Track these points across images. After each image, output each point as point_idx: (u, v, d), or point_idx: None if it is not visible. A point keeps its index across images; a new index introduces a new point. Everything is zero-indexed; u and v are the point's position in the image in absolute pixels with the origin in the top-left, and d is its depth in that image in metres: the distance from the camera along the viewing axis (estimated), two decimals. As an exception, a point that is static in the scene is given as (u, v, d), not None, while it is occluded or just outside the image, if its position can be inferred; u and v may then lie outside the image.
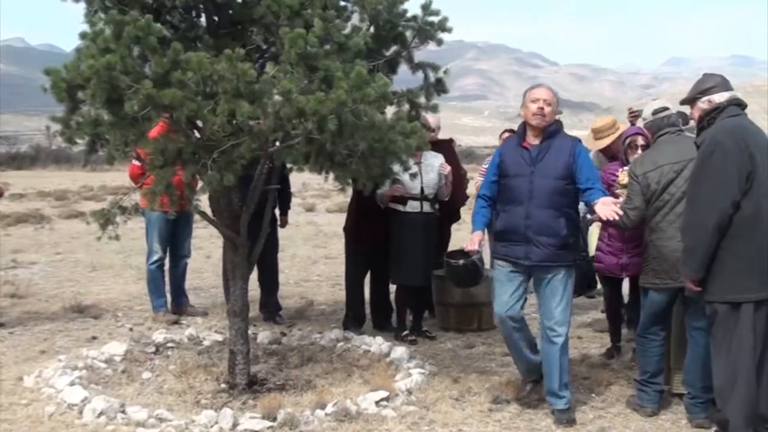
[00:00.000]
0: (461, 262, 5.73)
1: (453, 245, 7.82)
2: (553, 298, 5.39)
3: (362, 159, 5.23)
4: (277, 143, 5.20)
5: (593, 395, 5.96)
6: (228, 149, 4.94)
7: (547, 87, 5.52)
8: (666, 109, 5.71)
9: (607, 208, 5.13)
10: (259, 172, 5.81)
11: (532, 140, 5.45)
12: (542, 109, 5.38)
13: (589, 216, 6.73)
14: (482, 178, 9.49)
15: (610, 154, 7.62)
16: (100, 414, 5.26)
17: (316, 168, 5.46)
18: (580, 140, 5.53)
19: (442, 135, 8.14)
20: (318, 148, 5.12)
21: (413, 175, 6.89)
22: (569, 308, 5.42)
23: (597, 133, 7.68)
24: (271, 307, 8.36)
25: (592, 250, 8.13)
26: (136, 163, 7.80)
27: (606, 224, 6.64)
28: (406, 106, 5.93)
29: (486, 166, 9.66)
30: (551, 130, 5.42)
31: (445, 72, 6.03)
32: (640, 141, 6.30)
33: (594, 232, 8.26)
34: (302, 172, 5.90)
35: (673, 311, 5.67)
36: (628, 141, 6.44)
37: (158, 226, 8.24)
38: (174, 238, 8.47)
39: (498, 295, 5.54)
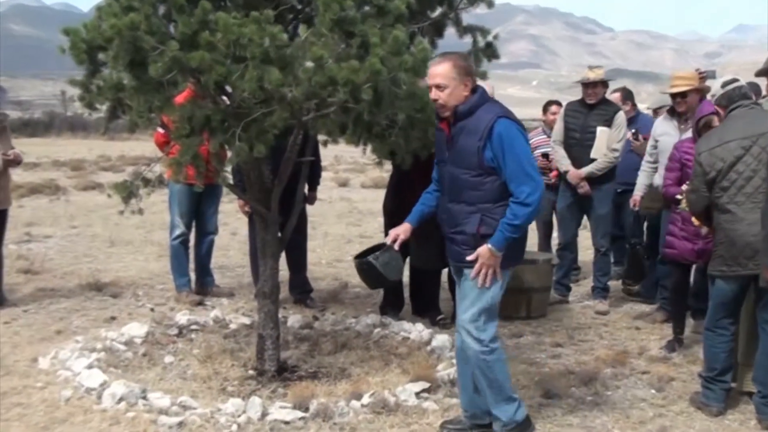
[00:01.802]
0: (358, 259, 5.24)
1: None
2: (462, 302, 4.86)
3: (402, 130, 5.19)
4: (311, 112, 5.17)
5: (653, 391, 5.92)
6: (259, 118, 4.91)
7: (442, 60, 4.71)
8: (736, 80, 5.62)
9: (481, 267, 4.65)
10: (292, 143, 5.80)
11: (451, 120, 4.79)
12: (436, 100, 4.72)
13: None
14: None
15: (685, 116, 7.56)
16: (120, 400, 5.31)
17: (353, 140, 5.44)
18: (504, 115, 4.67)
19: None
20: (354, 118, 5.08)
21: None
22: (482, 317, 4.77)
23: (674, 80, 7.68)
24: (300, 287, 8.37)
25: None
26: (161, 130, 7.82)
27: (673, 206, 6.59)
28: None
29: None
30: (463, 110, 4.69)
31: (496, 37, 5.97)
32: (716, 122, 6.19)
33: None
34: (337, 144, 5.91)
35: (743, 303, 5.58)
36: (703, 121, 6.33)
37: (179, 198, 8.27)
38: (199, 213, 8.50)
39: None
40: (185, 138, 5.02)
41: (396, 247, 5.08)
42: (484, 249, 4.64)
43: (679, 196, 6.32)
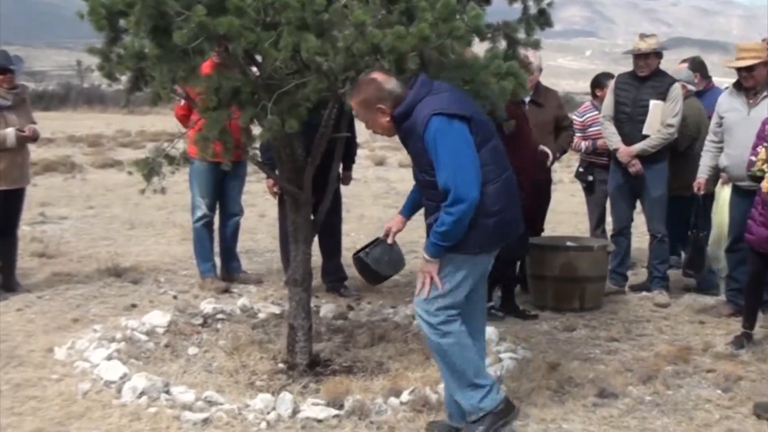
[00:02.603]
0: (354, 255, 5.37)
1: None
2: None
3: (448, 104, 5.16)
4: (349, 84, 5.15)
5: (719, 392, 5.84)
6: (291, 89, 4.91)
7: (350, 96, 4.83)
8: None
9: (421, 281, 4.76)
10: (327, 117, 5.78)
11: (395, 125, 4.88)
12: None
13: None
14: (579, 133, 9.32)
15: (753, 91, 7.44)
16: (141, 394, 5.34)
17: (393, 114, 5.41)
18: (438, 112, 4.57)
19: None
20: (396, 90, 5.06)
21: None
22: (435, 303, 4.75)
23: (739, 52, 7.55)
24: (333, 274, 8.36)
25: (724, 219, 7.93)
26: (182, 102, 7.81)
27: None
28: (502, 43, 5.82)
29: (580, 118, 9.49)
30: (399, 113, 4.67)
31: (550, 4, 5.91)
32: None
33: (723, 198, 8.06)
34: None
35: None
36: None
37: (200, 177, 8.29)
38: (223, 193, 8.53)
39: None
40: (212, 111, 5.01)
41: (389, 240, 5.16)
42: (423, 258, 4.74)
43: (753, 158, 6.24)
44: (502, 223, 4.76)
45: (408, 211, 5.22)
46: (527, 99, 7.66)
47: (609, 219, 9.35)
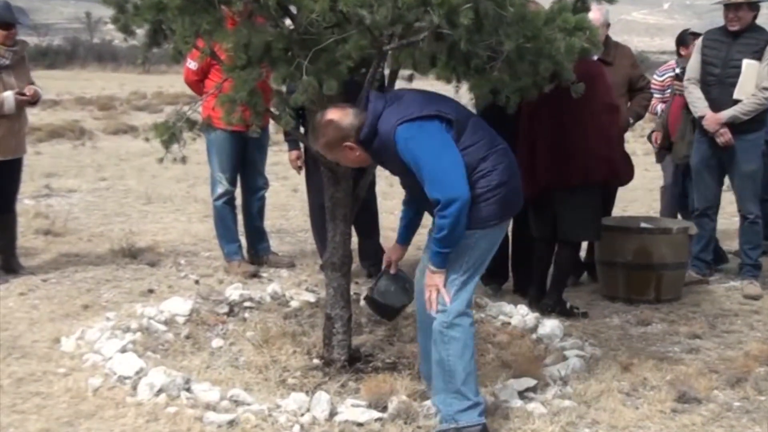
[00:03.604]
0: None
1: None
2: None
3: (508, 63, 5.10)
4: (394, 40, 5.10)
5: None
6: (330, 46, 4.88)
7: (314, 138, 5.06)
8: None
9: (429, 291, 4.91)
10: (371, 78, 5.73)
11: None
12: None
13: None
14: (658, 95, 9.19)
15: None
16: (159, 391, 5.35)
17: (445, 74, 5.38)
18: (402, 120, 4.75)
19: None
20: (449, 48, 5.02)
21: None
22: (454, 285, 4.90)
23: None
24: (373, 258, 8.33)
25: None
26: (191, 65, 7.78)
27: None
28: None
29: (660, 78, 9.36)
30: (365, 136, 4.84)
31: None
32: None
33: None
34: (427, 79, 5.84)
35: None
36: None
37: (219, 148, 8.26)
38: (245, 165, 8.52)
39: None
40: (240, 70, 4.99)
41: (392, 270, 5.41)
42: (427, 271, 4.92)
43: None
44: (506, 192, 4.90)
45: (404, 239, 5.43)
46: (594, 57, 7.55)
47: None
